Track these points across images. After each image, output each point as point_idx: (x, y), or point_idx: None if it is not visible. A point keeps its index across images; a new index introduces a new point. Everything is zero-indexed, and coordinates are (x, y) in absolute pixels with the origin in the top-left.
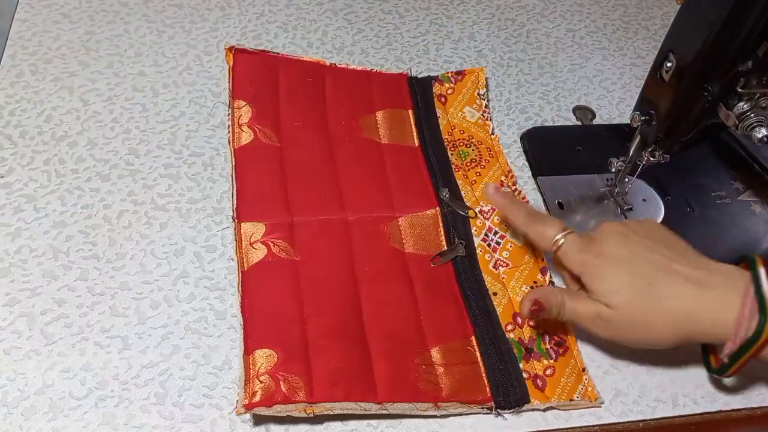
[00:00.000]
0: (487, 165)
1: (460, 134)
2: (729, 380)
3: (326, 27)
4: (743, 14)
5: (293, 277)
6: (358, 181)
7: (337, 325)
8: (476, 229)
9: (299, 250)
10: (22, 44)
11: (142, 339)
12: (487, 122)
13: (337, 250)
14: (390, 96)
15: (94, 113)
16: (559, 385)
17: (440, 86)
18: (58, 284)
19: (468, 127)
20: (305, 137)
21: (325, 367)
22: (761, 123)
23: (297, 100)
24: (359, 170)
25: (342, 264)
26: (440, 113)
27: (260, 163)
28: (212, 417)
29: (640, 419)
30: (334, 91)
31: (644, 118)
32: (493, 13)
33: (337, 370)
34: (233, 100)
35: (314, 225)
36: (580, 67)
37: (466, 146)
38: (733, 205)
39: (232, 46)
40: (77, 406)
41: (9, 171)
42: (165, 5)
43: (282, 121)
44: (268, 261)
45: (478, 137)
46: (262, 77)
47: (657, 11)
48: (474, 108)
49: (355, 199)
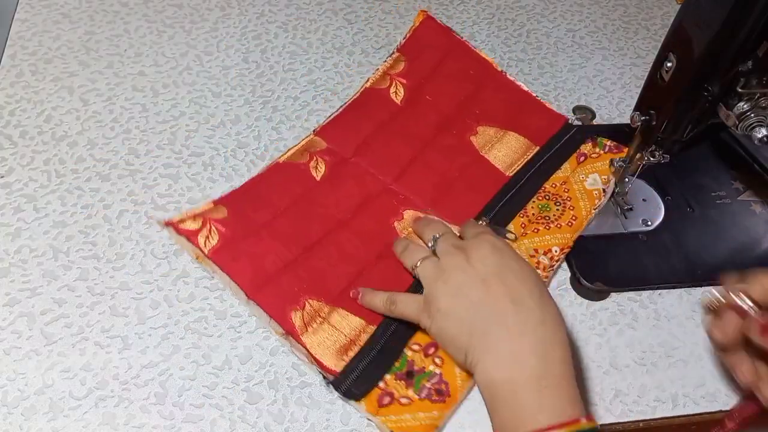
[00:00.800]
0: (552, 230)
1: (564, 191)
2: (728, 380)
3: (326, 27)
4: (743, 14)
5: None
6: (430, 169)
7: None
8: None
9: (327, 177)
10: (22, 44)
11: (142, 339)
12: (601, 196)
13: (353, 197)
14: (533, 126)
15: (94, 113)
16: (400, 415)
17: (591, 147)
18: (58, 284)
19: (577, 189)
20: (423, 112)
21: (241, 247)
22: (761, 123)
23: (446, 80)
24: (439, 161)
25: (345, 208)
26: (566, 167)
27: (372, 108)
28: (212, 417)
29: (640, 419)
30: (487, 94)
31: (644, 118)
32: (493, 13)
33: (246, 254)
34: (396, 53)
35: (361, 171)
36: (580, 67)
37: (555, 203)
38: (733, 205)
39: (425, 11)
40: (77, 406)
41: (9, 171)
42: (165, 5)
43: (421, 88)
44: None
45: (576, 203)
46: (434, 45)
47: (657, 11)
48: (603, 179)
49: (411, 179)
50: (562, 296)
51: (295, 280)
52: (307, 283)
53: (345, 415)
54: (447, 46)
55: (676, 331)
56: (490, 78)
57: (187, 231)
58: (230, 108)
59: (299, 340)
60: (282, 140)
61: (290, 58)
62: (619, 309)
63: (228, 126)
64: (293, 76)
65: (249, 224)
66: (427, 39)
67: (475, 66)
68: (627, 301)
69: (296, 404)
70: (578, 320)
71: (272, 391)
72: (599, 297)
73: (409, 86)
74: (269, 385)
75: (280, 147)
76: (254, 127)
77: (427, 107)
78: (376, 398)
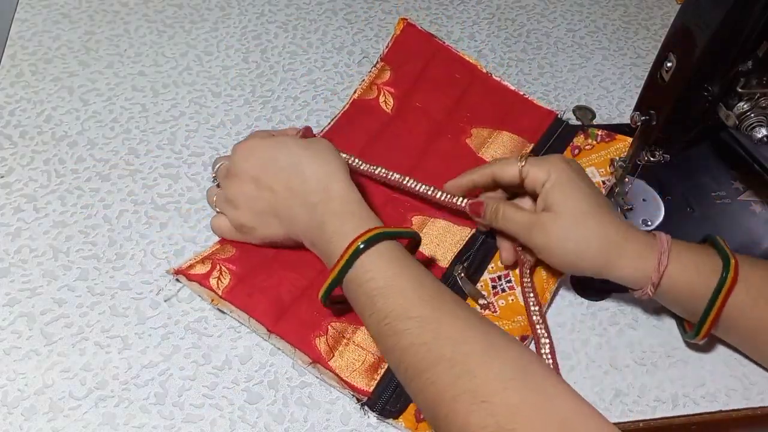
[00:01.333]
0: None
1: None
2: (729, 380)
3: (326, 27)
4: (743, 14)
5: None
6: (430, 175)
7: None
8: (493, 266)
9: None
10: (22, 44)
11: (142, 339)
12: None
13: None
14: (524, 124)
15: (94, 113)
16: None
17: (583, 139)
18: (58, 284)
19: None
20: (415, 119)
21: (255, 281)
22: (761, 123)
23: (433, 86)
24: (438, 165)
25: None
26: None
27: (363, 120)
28: (212, 417)
29: (640, 419)
30: (476, 97)
31: (644, 118)
32: (493, 13)
33: (261, 287)
34: (380, 62)
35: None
36: (580, 67)
37: None
38: (733, 205)
39: (405, 18)
40: (77, 406)
41: (9, 171)
42: (165, 5)
43: (409, 96)
44: None
45: None
46: (418, 52)
47: (657, 11)
48: (600, 172)
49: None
50: (563, 296)
51: (313, 306)
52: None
53: (345, 416)
54: (430, 52)
55: (676, 331)
56: (477, 81)
57: (198, 276)
58: (230, 108)
59: (328, 366)
60: None
61: (290, 58)
62: (619, 309)
63: (228, 126)
64: (293, 76)
65: (258, 258)
66: (409, 46)
67: (461, 70)
68: (627, 301)
69: (296, 404)
70: (578, 320)
71: (272, 391)
72: (599, 297)
73: (398, 95)
74: (269, 385)
75: None
76: (254, 127)
77: (419, 114)
78: (413, 413)
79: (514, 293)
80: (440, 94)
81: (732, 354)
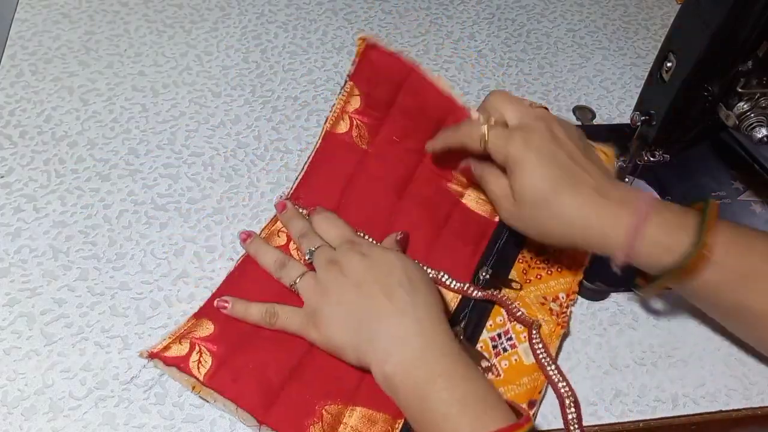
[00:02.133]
0: (554, 274)
1: None
2: (728, 380)
3: (326, 27)
4: (743, 14)
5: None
6: (412, 223)
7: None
8: (492, 324)
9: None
10: (22, 44)
11: (142, 339)
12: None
13: None
14: None
15: (94, 113)
16: None
17: None
18: (58, 284)
19: None
20: (394, 155)
21: (239, 363)
22: (761, 123)
23: (408, 117)
24: (420, 213)
25: None
26: None
27: (338, 159)
28: (212, 417)
29: (640, 419)
30: None
31: (644, 118)
32: (493, 13)
33: (246, 370)
34: (349, 84)
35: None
36: (580, 67)
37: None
38: (733, 205)
39: (364, 38)
40: (77, 406)
41: (9, 171)
42: (165, 5)
43: (383, 128)
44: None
45: None
46: (387, 76)
47: (657, 11)
48: None
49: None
50: None
51: (304, 388)
52: (317, 386)
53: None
54: (401, 76)
55: (676, 331)
56: (452, 115)
57: (176, 359)
58: (230, 108)
59: None
60: (282, 140)
61: (290, 58)
62: (619, 309)
63: (228, 126)
64: (293, 76)
65: (239, 333)
66: (376, 68)
67: (435, 104)
68: (627, 301)
69: None
70: (578, 320)
71: None
72: (599, 297)
73: (371, 125)
74: None
75: (280, 147)
76: (254, 127)
77: (396, 151)
78: None
79: (517, 351)
80: (415, 125)
81: (732, 354)
